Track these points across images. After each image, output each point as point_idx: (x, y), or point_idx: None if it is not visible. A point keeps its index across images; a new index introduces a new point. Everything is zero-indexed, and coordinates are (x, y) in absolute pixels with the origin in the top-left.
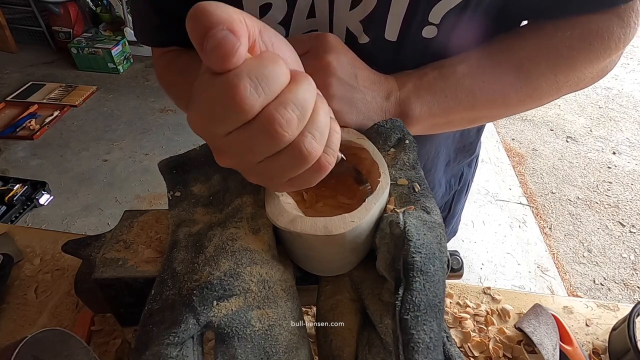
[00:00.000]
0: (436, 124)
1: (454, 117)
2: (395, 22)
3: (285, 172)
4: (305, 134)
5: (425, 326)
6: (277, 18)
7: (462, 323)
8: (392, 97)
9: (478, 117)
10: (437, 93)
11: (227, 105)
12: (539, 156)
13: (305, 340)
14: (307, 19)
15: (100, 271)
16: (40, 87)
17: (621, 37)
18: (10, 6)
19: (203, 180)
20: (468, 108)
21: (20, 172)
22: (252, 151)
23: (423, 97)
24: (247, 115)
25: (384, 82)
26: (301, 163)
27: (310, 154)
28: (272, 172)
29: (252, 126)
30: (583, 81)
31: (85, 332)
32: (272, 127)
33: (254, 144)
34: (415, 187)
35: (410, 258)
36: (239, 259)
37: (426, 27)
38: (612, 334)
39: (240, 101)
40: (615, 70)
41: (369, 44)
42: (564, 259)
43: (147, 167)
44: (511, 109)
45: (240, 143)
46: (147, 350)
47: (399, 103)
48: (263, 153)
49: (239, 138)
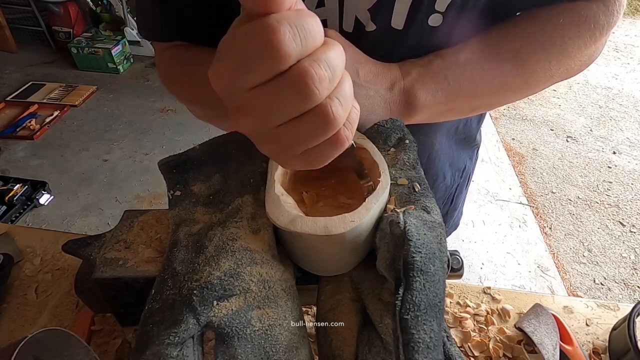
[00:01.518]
0: (439, 112)
1: (456, 104)
2: (402, 10)
3: (306, 139)
4: (333, 98)
5: (426, 326)
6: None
7: (462, 323)
8: (396, 87)
9: (478, 105)
10: (440, 81)
11: (263, 49)
12: (539, 156)
13: (305, 340)
14: (316, 8)
15: (100, 271)
16: (40, 87)
17: (605, 25)
18: (10, 6)
19: (203, 180)
20: (470, 95)
21: (20, 172)
22: (277, 109)
23: (427, 85)
24: (282, 63)
25: (387, 72)
26: (325, 128)
27: (336, 119)
28: (291, 138)
29: (283, 79)
30: (572, 68)
31: (85, 332)
32: (305, 81)
33: (281, 100)
34: (415, 186)
35: (411, 258)
36: (239, 259)
37: (432, 15)
38: (612, 334)
39: (277, 45)
40: (615, 70)
41: (376, 32)
42: (564, 258)
43: (147, 167)
44: (509, 97)
45: (266, 98)
46: (147, 350)
47: (403, 92)
48: (288, 112)
49: (266, 91)
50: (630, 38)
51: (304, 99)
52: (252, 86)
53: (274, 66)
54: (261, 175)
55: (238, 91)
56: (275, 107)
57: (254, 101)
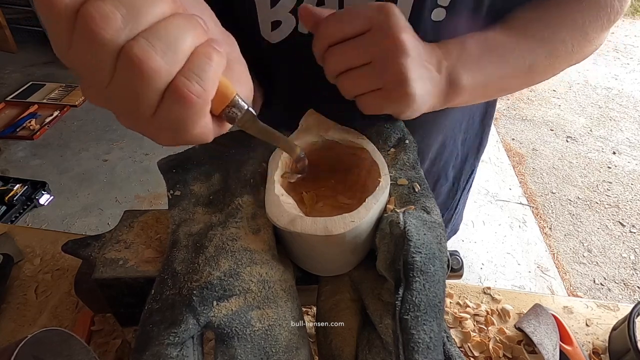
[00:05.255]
0: (477, 94)
1: (490, 85)
2: (406, 5)
3: (132, 98)
4: (138, 39)
5: (426, 326)
6: (288, 6)
7: (462, 323)
8: (443, 68)
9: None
10: (478, 62)
11: (42, 2)
12: (539, 156)
13: (305, 340)
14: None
15: (100, 271)
16: (40, 87)
17: (619, 10)
18: (10, 6)
19: (203, 180)
20: (501, 76)
21: (20, 172)
22: (87, 67)
23: (468, 66)
24: (58, 10)
25: (433, 52)
26: (136, 76)
27: (144, 63)
28: (121, 100)
29: (76, 31)
30: (588, 52)
31: (85, 332)
32: (86, 23)
33: (81, 55)
34: (415, 187)
35: (411, 258)
36: (239, 259)
37: (435, 10)
38: (612, 334)
39: (95, 30)
40: (615, 70)
41: None
42: (564, 259)
43: (147, 167)
44: (536, 78)
45: (76, 58)
46: (147, 350)
47: (448, 73)
48: (96, 68)
49: (73, 52)
50: (630, 38)
51: (94, 44)
52: (65, 46)
53: (55, 17)
54: (261, 175)
55: (67, 58)
56: (86, 64)
57: (74, 63)
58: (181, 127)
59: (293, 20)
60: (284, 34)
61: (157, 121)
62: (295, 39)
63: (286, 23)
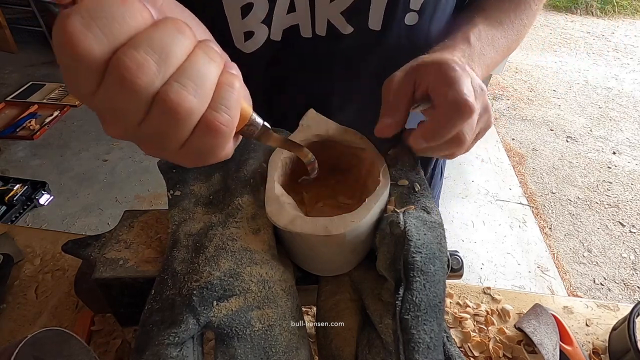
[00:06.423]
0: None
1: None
2: (378, 11)
3: (164, 135)
4: (171, 83)
5: (426, 326)
6: (260, 17)
7: (462, 323)
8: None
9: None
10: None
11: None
12: (539, 156)
13: (305, 340)
14: (287, 14)
15: (100, 271)
16: (40, 87)
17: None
18: (10, 6)
19: (203, 180)
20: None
21: (20, 172)
22: (118, 110)
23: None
24: (88, 62)
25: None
26: (172, 118)
27: (179, 105)
28: (151, 137)
29: (107, 79)
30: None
31: (85, 332)
32: (121, 73)
33: (113, 100)
34: (415, 187)
35: (411, 258)
36: (239, 259)
37: (408, 14)
38: (612, 334)
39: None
40: (615, 70)
41: (354, 34)
42: (564, 259)
43: (147, 167)
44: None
45: (104, 102)
46: (147, 350)
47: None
48: (131, 110)
49: (101, 97)
50: (630, 38)
51: (129, 92)
52: (90, 93)
53: (85, 68)
54: (261, 175)
55: (88, 101)
56: (115, 109)
57: (98, 107)
58: (210, 153)
59: (265, 29)
60: (258, 43)
61: (186, 151)
62: (271, 46)
63: (259, 32)
